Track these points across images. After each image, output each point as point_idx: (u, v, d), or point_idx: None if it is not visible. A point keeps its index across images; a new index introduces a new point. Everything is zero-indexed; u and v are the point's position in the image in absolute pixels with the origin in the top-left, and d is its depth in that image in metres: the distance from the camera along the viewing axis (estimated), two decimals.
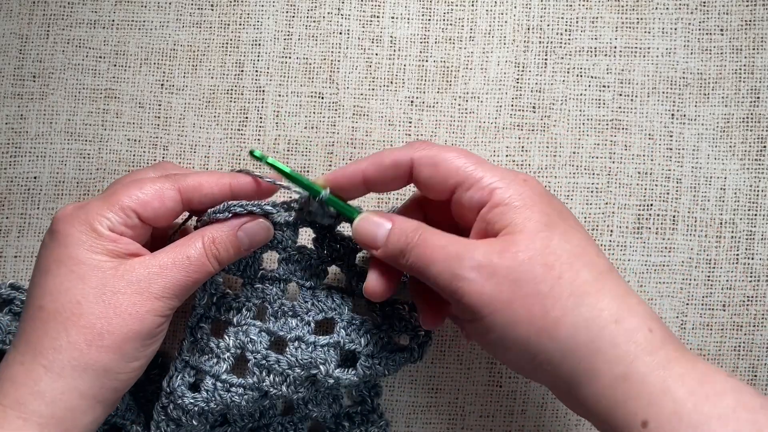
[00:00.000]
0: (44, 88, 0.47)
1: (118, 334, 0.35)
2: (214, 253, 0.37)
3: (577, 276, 0.33)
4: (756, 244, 0.46)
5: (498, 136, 0.47)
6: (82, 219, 0.36)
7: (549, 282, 0.33)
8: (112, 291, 0.35)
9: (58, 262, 0.35)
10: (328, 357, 0.39)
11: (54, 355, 0.34)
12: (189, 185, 0.38)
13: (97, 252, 0.35)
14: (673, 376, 0.31)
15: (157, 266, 0.36)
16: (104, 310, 0.35)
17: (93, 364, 0.34)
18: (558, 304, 0.32)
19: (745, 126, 0.47)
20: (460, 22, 0.47)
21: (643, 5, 0.47)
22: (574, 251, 0.33)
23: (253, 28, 0.47)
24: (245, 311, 0.41)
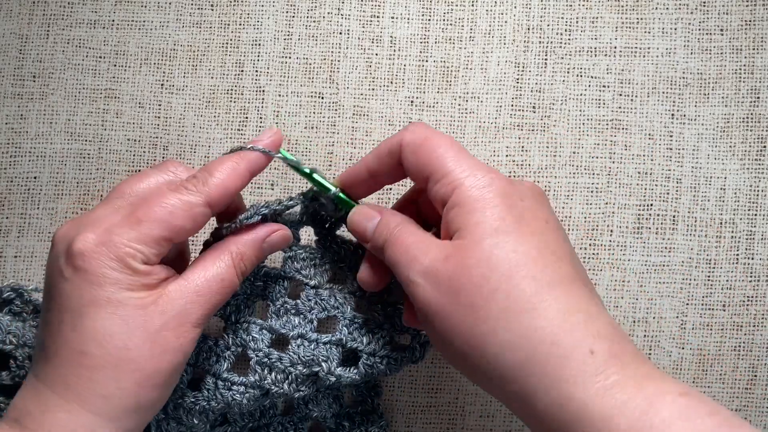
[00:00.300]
0: (44, 88, 0.47)
1: (167, 371, 0.34)
2: (242, 269, 0.36)
3: (514, 289, 0.30)
4: (756, 244, 0.46)
5: (498, 136, 0.47)
6: (113, 255, 0.33)
7: (484, 294, 0.31)
8: (156, 329, 0.33)
9: (95, 305, 0.33)
10: (331, 355, 0.39)
11: (104, 402, 0.33)
12: (216, 194, 0.35)
13: (135, 289, 0.33)
14: (614, 404, 0.29)
15: (194, 294, 0.34)
16: (152, 350, 0.33)
17: (144, 403, 0.34)
18: (489, 320, 0.30)
19: (745, 126, 0.47)
20: (460, 22, 0.47)
21: (643, 5, 0.47)
22: (519, 261, 0.31)
23: (253, 28, 0.47)
24: (245, 309, 0.41)
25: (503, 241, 0.31)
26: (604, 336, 0.30)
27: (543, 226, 0.33)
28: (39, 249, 0.47)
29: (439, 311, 0.32)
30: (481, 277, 0.31)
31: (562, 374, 0.29)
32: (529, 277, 0.31)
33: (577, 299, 0.31)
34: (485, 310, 0.31)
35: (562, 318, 0.30)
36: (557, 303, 0.30)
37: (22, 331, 0.42)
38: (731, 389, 0.46)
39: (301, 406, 0.43)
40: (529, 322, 0.30)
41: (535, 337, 0.30)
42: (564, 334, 0.30)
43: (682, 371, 0.46)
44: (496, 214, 0.32)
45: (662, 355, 0.46)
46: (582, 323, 0.30)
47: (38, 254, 0.46)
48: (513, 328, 0.30)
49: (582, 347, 0.30)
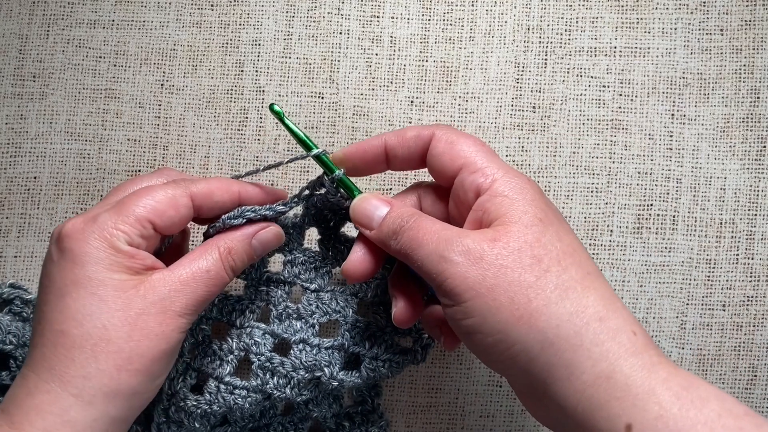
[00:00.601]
0: (44, 88, 0.47)
1: (147, 356, 0.34)
2: (231, 264, 0.37)
3: (564, 272, 0.33)
4: (756, 244, 0.46)
5: (498, 136, 0.47)
6: (97, 235, 0.34)
7: (536, 273, 0.33)
8: (137, 312, 0.34)
9: (76, 284, 0.34)
10: (333, 359, 0.39)
11: (83, 383, 0.33)
12: (200, 192, 0.37)
13: (117, 270, 0.34)
14: (657, 379, 0.31)
15: (178, 282, 0.35)
16: (131, 332, 0.33)
17: (124, 388, 0.33)
18: (542, 294, 0.32)
19: (745, 126, 0.47)
20: (460, 22, 0.47)
21: (643, 5, 0.47)
22: (564, 249, 0.34)
23: (253, 28, 0.47)
24: (249, 313, 0.41)
25: (549, 230, 0.34)
26: (638, 324, 0.33)
27: (569, 227, 0.36)
28: (39, 249, 0.46)
29: (480, 288, 0.33)
30: (532, 258, 0.33)
31: (611, 347, 0.31)
32: (575, 264, 0.33)
33: (611, 290, 0.34)
34: (536, 288, 0.32)
35: (607, 300, 0.33)
36: (601, 289, 0.33)
37: (22, 331, 0.42)
38: (731, 389, 0.46)
39: (301, 407, 0.43)
40: (579, 299, 0.32)
41: (586, 313, 0.32)
42: (611, 314, 0.32)
43: None
44: (539, 207, 0.34)
45: None
46: (621, 308, 0.33)
47: (38, 254, 0.46)
48: (566, 304, 0.32)
49: (626, 328, 0.32)
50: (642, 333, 0.32)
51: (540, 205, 0.35)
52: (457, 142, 0.37)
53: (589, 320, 0.32)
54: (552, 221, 0.34)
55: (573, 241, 0.35)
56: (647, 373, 0.31)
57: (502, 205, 0.34)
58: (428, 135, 0.37)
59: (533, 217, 0.34)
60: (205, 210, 0.37)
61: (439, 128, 0.37)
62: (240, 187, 0.38)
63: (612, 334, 0.32)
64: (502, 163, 0.36)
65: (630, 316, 0.33)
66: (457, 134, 0.37)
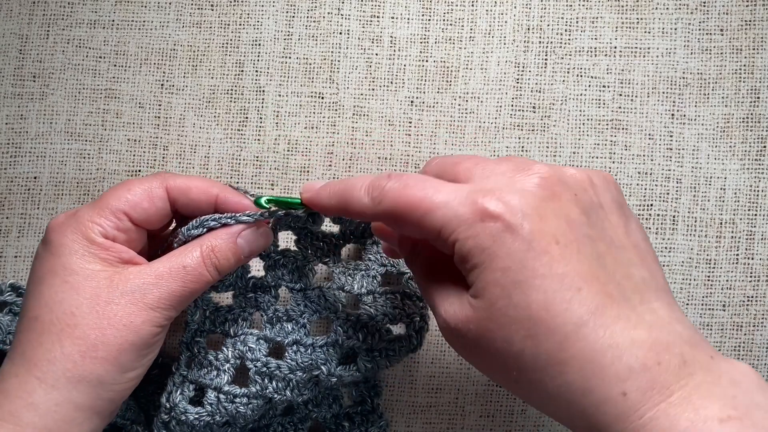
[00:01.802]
0: (44, 88, 0.47)
1: (112, 345, 0.34)
2: (214, 262, 0.36)
3: (538, 348, 0.29)
4: (756, 244, 0.46)
5: (498, 136, 0.47)
6: (74, 227, 0.35)
7: (512, 357, 0.30)
8: (105, 301, 0.34)
9: (52, 272, 0.35)
10: (329, 356, 0.39)
11: (48, 367, 0.33)
12: (177, 185, 0.37)
13: (91, 261, 0.35)
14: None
15: (153, 275, 0.35)
16: (98, 320, 0.34)
17: (88, 375, 0.34)
18: (524, 377, 0.30)
19: (745, 126, 0.47)
20: (460, 22, 0.47)
21: (643, 5, 0.47)
22: (533, 317, 0.29)
23: (253, 28, 0.47)
24: (241, 321, 0.41)
25: (515, 298, 0.29)
26: (642, 364, 0.28)
27: (554, 252, 0.30)
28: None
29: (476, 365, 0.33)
30: (503, 342, 0.30)
31: (597, 422, 0.29)
32: (549, 331, 0.29)
33: (609, 331, 0.29)
34: (518, 371, 0.30)
35: (591, 363, 0.29)
36: (586, 347, 0.29)
37: None
38: None
39: (300, 407, 0.43)
40: (558, 378, 0.29)
41: (568, 391, 0.29)
42: (594, 382, 0.29)
43: None
44: (498, 266, 0.30)
45: None
46: (612, 363, 0.28)
47: None
48: (546, 386, 0.29)
49: (613, 391, 0.28)
50: (636, 386, 0.28)
51: (501, 263, 0.29)
52: (405, 213, 0.32)
53: (570, 397, 0.29)
54: (518, 278, 0.29)
55: (545, 293, 0.29)
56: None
57: (468, 274, 0.31)
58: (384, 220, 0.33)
59: (496, 287, 0.30)
60: (180, 205, 0.38)
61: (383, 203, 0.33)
62: (219, 191, 0.38)
63: (596, 406, 0.29)
64: (457, 207, 0.30)
65: (622, 365, 0.28)
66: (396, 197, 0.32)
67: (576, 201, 0.31)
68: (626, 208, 0.34)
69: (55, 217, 0.36)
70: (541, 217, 0.30)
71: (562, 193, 0.31)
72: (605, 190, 0.33)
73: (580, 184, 0.32)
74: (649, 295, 0.31)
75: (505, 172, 0.32)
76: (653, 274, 0.32)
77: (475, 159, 0.34)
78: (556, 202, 0.31)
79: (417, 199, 0.31)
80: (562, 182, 0.31)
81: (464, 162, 0.34)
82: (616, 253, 0.31)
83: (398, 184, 0.32)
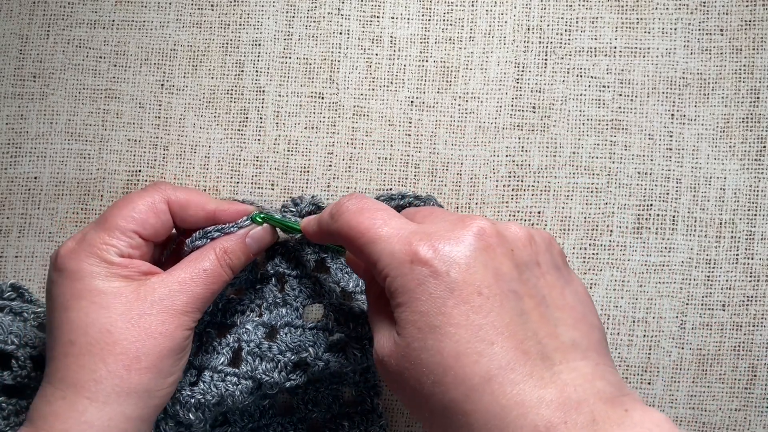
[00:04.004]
0: (44, 88, 0.47)
1: (153, 355, 0.35)
2: (228, 262, 0.38)
3: (445, 395, 0.29)
4: (756, 244, 0.46)
5: (498, 136, 0.47)
6: (88, 251, 0.36)
7: (423, 397, 0.30)
8: (138, 314, 0.35)
9: (77, 297, 0.35)
10: (318, 340, 0.40)
11: (96, 387, 0.34)
12: (177, 200, 0.39)
13: (113, 280, 0.36)
14: None
15: (177, 283, 0.36)
16: (136, 333, 0.35)
17: (135, 387, 0.35)
18: (433, 419, 0.30)
19: (745, 126, 0.47)
20: (460, 22, 0.47)
21: (643, 5, 0.47)
22: (443, 364, 0.29)
23: (253, 28, 0.47)
24: (249, 312, 0.42)
25: (429, 341, 0.30)
26: (547, 423, 0.28)
27: (475, 302, 0.30)
28: (39, 249, 0.47)
29: (399, 397, 0.33)
30: (416, 382, 0.30)
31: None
32: (458, 379, 0.29)
33: (517, 388, 0.29)
34: (428, 413, 0.30)
35: (496, 419, 0.28)
36: (492, 402, 0.29)
37: (24, 332, 0.42)
38: (731, 389, 0.46)
39: (300, 407, 0.43)
40: (465, 428, 0.29)
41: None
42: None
43: (681, 371, 0.46)
44: (418, 308, 0.30)
45: (662, 355, 0.46)
46: (516, 421, 0.28)
47: (39, 254, 0.47)
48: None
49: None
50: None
51: (420, 306, 0.30)
52: (351, 239, 0.33)
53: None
54: (435, 323, 0.30)
55: (459, 341, 0.29)
56: None
57: (393, 309, 0.32)
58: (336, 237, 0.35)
59: (414, 328, 0.30)
60: (178, 219, 0.39)
61: (334, 225, 0.35)
62: (216, 206, 0.40)
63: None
64: (392, 244, 0.32)
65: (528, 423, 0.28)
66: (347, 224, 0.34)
67: (511, 256, 0.31)
68: (567, 270, 0.34)
69: (63, 246, 0.37)
70: (469, 266, 0.30)
71: (497, 247, 0.31)
72: (545, 250, 0.33)
73: (519, 241, 0.32)
74: (575, 354, 0.30)
75: (450, 221, 0.33)
76: (586, 335, 0.31)
77: (436, 209, 0.37)
78: (489, 254, 0.31)
79: (364, 227, 0.33)
80: (500, 236, 0.32)
81: (425, 209, 0.36)
82: (545, 311, 0.31)
83: (354, 207, 0.34)
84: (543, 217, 0.47)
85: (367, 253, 0.33)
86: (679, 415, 0.46)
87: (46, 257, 0.47)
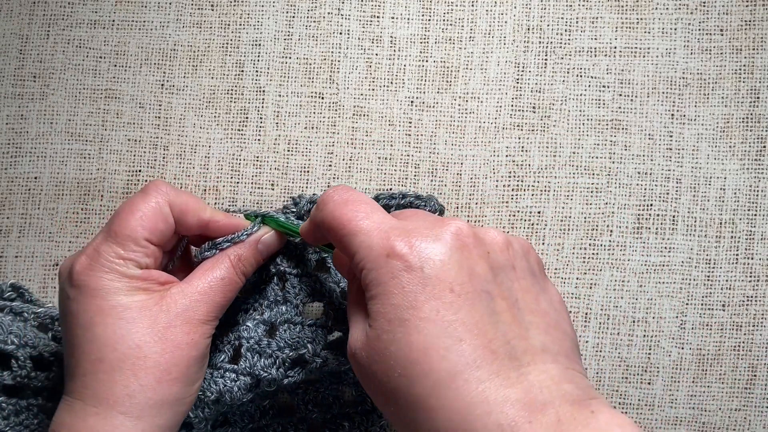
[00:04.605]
0: (44, 88, 0.47)
1: (182, 365, 0.36)
2: (242, 269, 0.39)
3: (411, 389, 0.30)
4: (756, 244, 0.46)
5: (498, 136, 0.47)
6: (106, 267, 0.36)
7: (389, 391, 0.31)
8: (164, 326, 0.36)
9: (101, 314, 0.35)
10: (316, 336, 0.40)
11: (130, 401, 0.35)
12: (177, 205, 0.38)
13: (136, 294, 0.36)
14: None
15: (197, 293, 0.37)
16: (164, 346, 0.35)
17: (167, 398, 0.35)
18: (397, 413, 0.31)
19: (745, 126, 0.47)
20: (460, 22, 0.47)
21: (643, 5, 0.47)
22: (410, 357, 0.30)
23: (253, 28, 0.47)
24: (252, 311, 0.42)
25: (398, 334, 0.30)
26: (511, 422, 0.28)
27: (446, 299, 0.30)
28: (40, 249, 0.47)
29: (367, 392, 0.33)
30: (383, 375, 0.31)
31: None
32: (423, 374, 0.29)
33: (483, 386, 0.29)
34: (393, 407, 0.31)
35: (460, 415, 0.29)
36: (457, 399, 0.29)
37: (24, 332, 0.42)
38: (731, 389, 0.46)
39: (301, 407, 0.43)
40: (428, 422, 0.29)
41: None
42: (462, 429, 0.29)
43: (681, 371, 0.46)
44: (390, 300, 0.31)
45: (662, 355, 0.46)
46: (480, 418, 0.28)
47: (39, 254, 0.47)
48: (417, 427, 0.30)
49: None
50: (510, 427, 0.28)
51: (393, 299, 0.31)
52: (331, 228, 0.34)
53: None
54: (405, 316, 0.30)
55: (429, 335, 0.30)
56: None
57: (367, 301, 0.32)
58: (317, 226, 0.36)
59: (384, 320, 0.31)
60: (176, 225, 0.39)
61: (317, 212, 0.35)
62: (211, 216, 0.40)
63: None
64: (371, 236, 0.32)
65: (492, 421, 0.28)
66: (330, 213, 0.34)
67: (487, 258, 0.32)
68: (543, 278, 0.35)
69: (76, 261, 0.36)
70: (443, 263, 0.31)
71: (473, 248, 0.32)
72: (522, 256, 0.34)
73: (496, 245, 0.33)
74: (545, 357, 0.30)
75: (430, 221, 0.34)
76: (557, 341, 0.32)
77: (420, 211, 0.37)
78: (465, 253, 0.31)
79: (347, 218, 0.33)
80: (477, 238, 0.32)
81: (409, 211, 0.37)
82: (517, 313, 0.31)
83: (339, 198, 0.34)
84: (543, 217, 0.47)
85: (346, 244, 0.33)
86: (679, 415, 0.46)
87: (46, 257, 0.47)
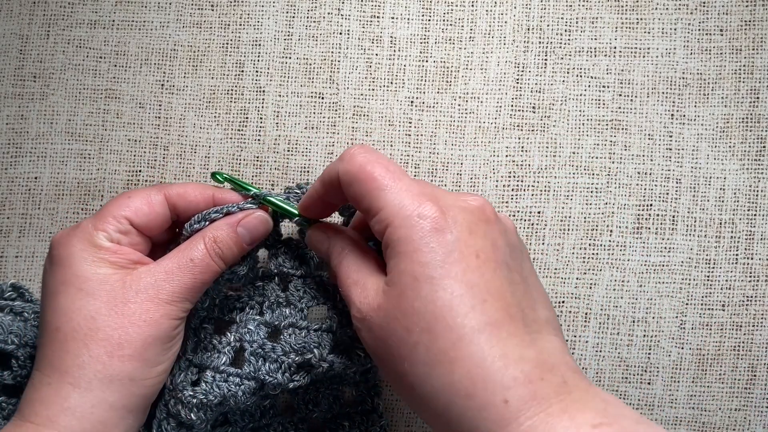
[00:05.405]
0: (45, 88, 0.47)
1: (136, 342, 0.35)
2: (218, 252, 0.38)
3: (433, 343, 0.31)
4: (755, 244, 0.47)
5: (498, 136, 0.47)
6: (79, 237, 0.36)
7: (409, 347, 0.31)
8: (122, 301, 0.35)
9: (65, 283, 0.36)
10: (322, 341, 0.40)
11: (79, 372, 0.34)
12: (174, 191, 0.39)
13: (101, 266, 0.36)
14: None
15: (163, 272, 0.36)
16: (118, 320, 0.35)
17: (118, 374, 0.35)
18: (412, 373, 0.31)
19: (744, 126, 0.47)
20: (460, 22, 0.47)
21: (643, 5, 0.47)
22: (435, 313, 0.31)
23: (253, 28, 0.47)
24: (249, 309, 0.42)
25: (425, 290, 0.31)
26: (526, 377, 0.30)
27: (472, 263, 0.32)
28: (40, 249, 0.47)
29: (377, 356, 0.34)
30: (404, 331, 0.31)
31: (478, 426, 0.30)
32: (448, 328, 0.31)
33: (502, 342, 0.31)
34: (409, 363, 0.31)
35: (480, 368, 0.30)
36: (478, 352, 0.30)
37: (24, 331, 0.42)
38: (730, 389, 0.46)
39: (301, 407, 0.43)
40: (445, 377, 0.30)
41: (451, 391, 0.30)
42: (479, 386, 0.30)
43: (681, 371, 0.46)
44: (418, 259, 0.32)
45: (662, 354, 0.46)
46: (499, 371, 0.30)
47: (39, 254, 0.47)
48: (432, 382, 0.31)
49: (496, 397, 0.30)
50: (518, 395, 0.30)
51: (421, 257, 0.31)
52: (355, 180, 0.34)
53: (453, 398, 0.30)
54: (434, 274, 0.31)
55: (456, 292, 0.31)
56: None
57: (389, 259, 0.33)
58: (336, 177, 0.35)
59: (410, 276, 0.31)
60: (181, 209, 0.39)
61: (341, 163, 0.35)
62: (215, 191, 0.40)
63: (477, 410, 0.30)
64: (401, 195, 0.33)
65: (508, 375, 0.30)
66: (357, 166, 0.34)
67: (504, 234, 0.34)
68: None
69: (58, 233, 0.37)
70: (471, 231, 0.33)
71: (495, 224, 0.34)
72: (523, 244, 0.37)
73: (510, 227, 0.36)
74: (548, 330, 0.33)
75: (454, 192, 0.35)
76: (555, 320, 0.35)
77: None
78: (490, 226, 0.33)
79: (378, 173, 0.34)
80: (498, 217, 0.35)
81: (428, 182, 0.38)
82: (527, 288, 0.34)
83: (370, 156, 0.34)
84: (543, 217, 0.47)
85: (373, 197, 0.33)
86: (679, 415, 0.46)
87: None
